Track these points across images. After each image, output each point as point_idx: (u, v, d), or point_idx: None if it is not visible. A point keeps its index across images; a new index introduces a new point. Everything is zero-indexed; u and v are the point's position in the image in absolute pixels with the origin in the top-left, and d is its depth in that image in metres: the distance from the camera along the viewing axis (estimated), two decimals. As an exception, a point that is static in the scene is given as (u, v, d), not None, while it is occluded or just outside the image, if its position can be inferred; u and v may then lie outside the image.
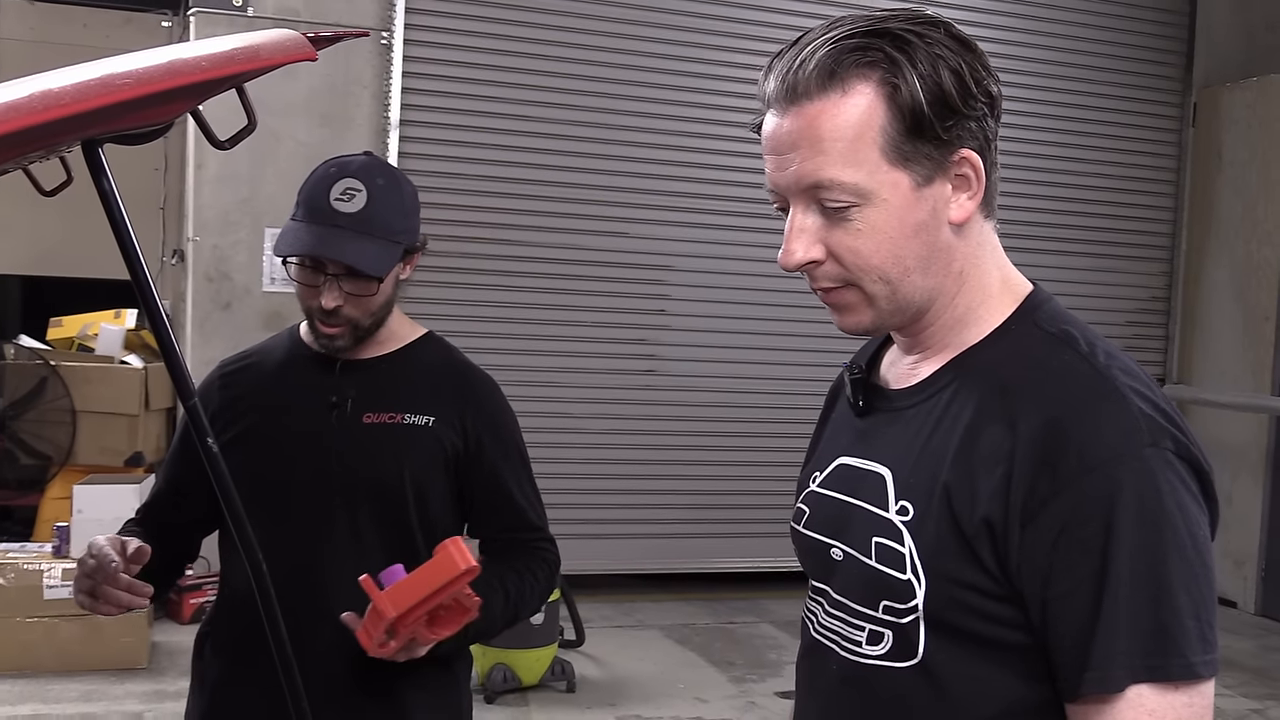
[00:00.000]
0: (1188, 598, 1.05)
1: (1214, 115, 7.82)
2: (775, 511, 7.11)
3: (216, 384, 2.15)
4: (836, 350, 7.29)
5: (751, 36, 6.96)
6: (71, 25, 6.69)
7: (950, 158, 1.15)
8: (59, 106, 1.03)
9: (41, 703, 4.89)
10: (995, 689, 1.12)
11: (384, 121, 6.36)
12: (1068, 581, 1.06)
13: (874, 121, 1.13)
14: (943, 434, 1.16)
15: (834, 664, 1.23)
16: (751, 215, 6.99)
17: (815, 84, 1.14)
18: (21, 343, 6.41)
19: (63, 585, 5.24)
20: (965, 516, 1.11)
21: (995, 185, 1.20)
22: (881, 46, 1.13)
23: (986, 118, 1.17)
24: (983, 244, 1.21)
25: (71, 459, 6.06)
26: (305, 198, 1.98)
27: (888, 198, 1.15)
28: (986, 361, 1.18)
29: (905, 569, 1.14)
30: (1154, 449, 1.07)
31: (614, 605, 6.66)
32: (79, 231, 6.73)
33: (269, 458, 2.03)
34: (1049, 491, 1.07)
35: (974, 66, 1.15)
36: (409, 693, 2.01)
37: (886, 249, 1.16)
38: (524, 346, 6.62)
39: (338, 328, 1.99)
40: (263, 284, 6.24)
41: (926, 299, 1.20)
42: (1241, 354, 7.57)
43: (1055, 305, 1.22)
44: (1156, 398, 1.11)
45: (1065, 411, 1.09)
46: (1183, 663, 1.04)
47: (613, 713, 5.10)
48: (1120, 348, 1.19)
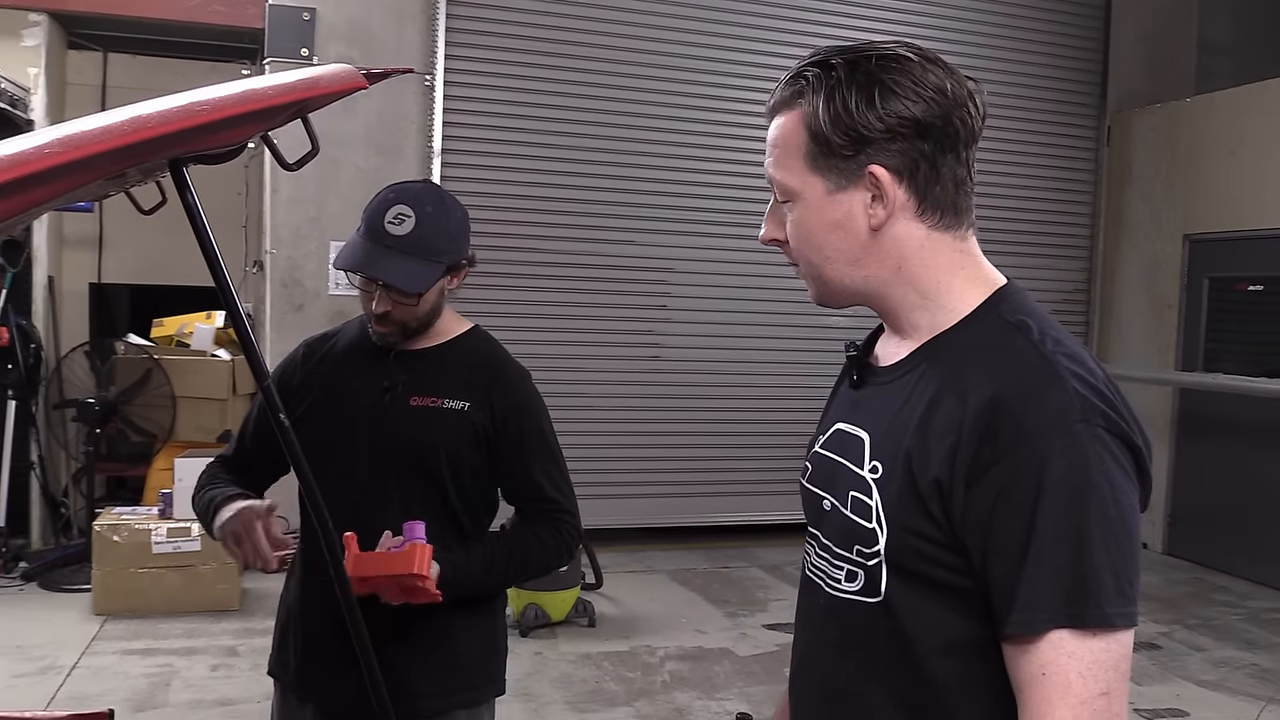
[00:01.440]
0: (1107, 556, 1.02)
1: (1125, 136, 7.79)
2: (762, 474, 7.14)
3: (301, 354, 2.15)
4: (813, 338, 7.34)
5: (738, 75, 6.94)
6: (167, 74, 6.68)
7: (859, 171, 1.14)
8: (146, 129, 1.03)
9: (152, 639, 4.91)
10: (943, 626, 1.11)
11: (428, 151, 6.35)
12: (1002, 537, 1.05)
13: (798, 136, 1.17)
14: (910, 406, 1.15)
15: (820, 598, 1.23)
16: (738, 225, 6.98)
17: (777, 103, 1.20)
18: (130, 340, 6.42)
19: (168, 541, 5.26)
20: (920, 476, 1.10)
21: (944, 199, 1.17)
22: (810, 76, 1.16)
23: (908, 139, 1.13)
24: (926, 248, 1.17)
25: (173, 437, 6.08)
26: (366, 217, 1.96)
27: (808, 198, 1.18)
28: (951, 346, 1.16)
29: (871, 519, 1.14)
30: (1084, 424, 1.04)
31: (628, 554, 6.66)
32: (175, 247, 6.70)
33: (334, 430, 2.02)
34: (990, 459, 1.05)
35: (888, 96, 1.12)
36: (454, 618, 2.00)
37: (809, 239, 1.20)
38: (549, 338, 6.62)
39: (388, 327, 1.99)
40: (329, 288, 6.24)
41: (863, 285, 1.20)
42: (1150, 337, 7.55)
43: (1021, 298, 1.19)
44: (1096, 381, 1.08)
45: (1008, 389, 1.07)
46: (1099, 612, 1.01)
47: (627, 643, 5.11)
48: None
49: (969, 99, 1.16)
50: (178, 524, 5.28)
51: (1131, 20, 7.82)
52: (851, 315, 7.63)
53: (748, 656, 4.99)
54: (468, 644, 2.04)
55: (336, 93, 1.21)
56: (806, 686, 1.28)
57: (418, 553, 1.82)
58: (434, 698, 2.01)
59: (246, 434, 2.17)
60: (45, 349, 6.32)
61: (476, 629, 2.06)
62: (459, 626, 2.01)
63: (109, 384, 6.07)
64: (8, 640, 4.79)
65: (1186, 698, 4.67)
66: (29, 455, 6.14)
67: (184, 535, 5.26)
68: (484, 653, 2.10)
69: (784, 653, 4.98)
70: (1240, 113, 6.88)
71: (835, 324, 7.21)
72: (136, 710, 4.12)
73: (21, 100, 5.97)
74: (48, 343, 6.39)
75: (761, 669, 4.82)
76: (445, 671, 2.01)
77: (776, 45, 6.99)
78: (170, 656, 4.70)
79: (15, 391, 5.98)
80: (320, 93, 1.18)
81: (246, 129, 1.17)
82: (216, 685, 4.40)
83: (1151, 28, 7.85)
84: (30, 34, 6.22)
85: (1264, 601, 6.22)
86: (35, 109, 6.14)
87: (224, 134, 1.15)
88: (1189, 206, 7.28)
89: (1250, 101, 6.81)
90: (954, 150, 1.16)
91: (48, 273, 6.42)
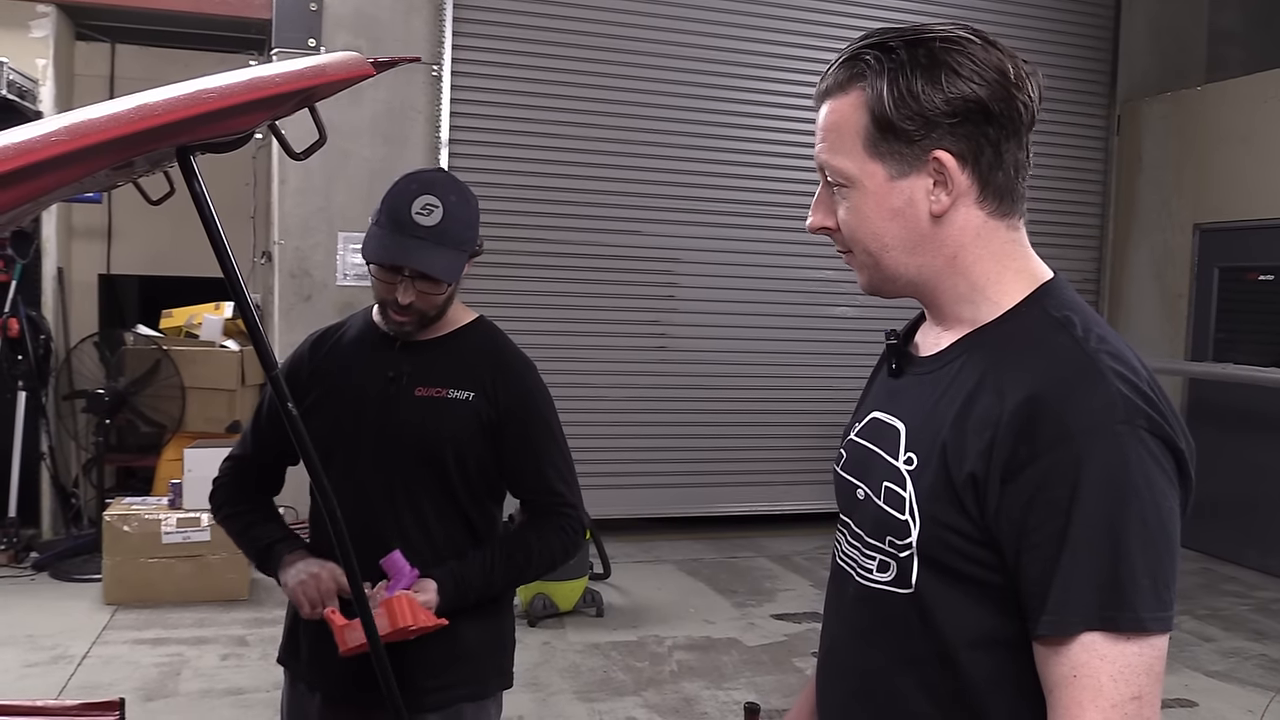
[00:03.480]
0: (1144, 559, 1.00)
1: (1134, 124, 7.75)
2: (769, 464, 7.14)
3: (308, 348, 2.14)
4: (820, 329, 7.32)
5: (746, 65, 6.92)
6: (174, 65, 6.68)
7: (923, 156, 1.12)
8: (153, 116, 1.03)
9: (163, 628, 4.93)
10: (975, 620, 1.09)
11: (435, 141, 6.34)
12: (1036, 535, 1.03)
13: (857, 120, 1.14)
14: (949, 399, 1.13)
15: (851, 587, 1.22)
16: (745, 215, 6.99)
17: (832, 86, 1.17)
18: (139, 331, 6.44)
19: (177, 531, 5.28)
20: (955, 471, 1.08)
21: (1005, 185, 1.14)
22: (870, 58, 1.13)
23: (974, 122, 1.10)
24: (981, 236, 1.15)
25: (182, 427, 6.09)
26: (389, 209, 1.93)
27: (867, 184, 1.15)
28: (993, 339, 1.14)
29: (904, 510, 1.13)
30: (1126, 425, 1.02)
31: (635, 544, 6.66)
32: (184, 238, 6.73)
33: (342, 420, 2.02)
34: (1027, 456, 1.03)
35: (953, 78, 1.09)
36: (459, 612, 1.98)
37: (867, 227, 1.17)
38: (555, 328, 6.61)
39: (408, 317, 1.98)
40: (337, 279, 6.24)
41: (917, 274, 1.17)
42: (1160, 326, 7.52)
43: (1066, 293, 1.16)
44: (1140, 381, 1.06)
45: (1048, 387, 1.05)
46: (1133, 616, 1.00)
47: (635, 633, 5.11)
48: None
49: (1028, 81, 1.13)
50: (187, 514, 5.29)
51: (1142, 8, 7.77)
52: (860, 305, 7.64)
53: (755, 646, 4.99)
54: (473, 638, 2.04)
55: (343, 80, 1.20)
56: (837, 675, 1.27)
57: (393, 608, 1.82)
58: (438, 691, 2.01)
59: (259, 428, 2.17)
60: (55, 340, 6.34)
61: (482, 623, 2.06)
62: (464, 620, 2.00)
63: (118, 375, 6.08)
64: (19, 630, 4.82)
65: (1195, 688, 4.66)
66: (39, 446, 6.16)
67: (194, 525, 5.27)
68: (490, 646, 2.10)
69: (792, 642, 4.98)
70: (1251, 101, 6.84)
71: (842, 314, 7.22)
72: (147, 699, 4.13)
73: (30, 91, 5.97)
74: (57, 334, 6.40)
75: (769, 659, 4.82)
76: (450, 665, 2.01)
77: (787, 35, 6.97)
78: (180, 646, 4.71)
79: (25, 382, 6.00)
80: (327, 80, 1.17)
81: (254, 116, 1.17)
82: (226, 674, 4.42)
83: (1162, 16, 7.80)
84: (38, 25, 6.23)
85: (1273, 592, 6.20)
86: (44, 100, 6.15)
87: (231, 121, 1.14)
88: (1199, 196, 7.24)
89: (1262, 90, 6.77)
90: (1016, 134, 1.13)
91: (57, 264, 6.43)
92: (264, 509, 2.16)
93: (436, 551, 1.99)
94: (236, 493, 2.16)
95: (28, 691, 4.10)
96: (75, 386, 6.22)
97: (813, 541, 6.86)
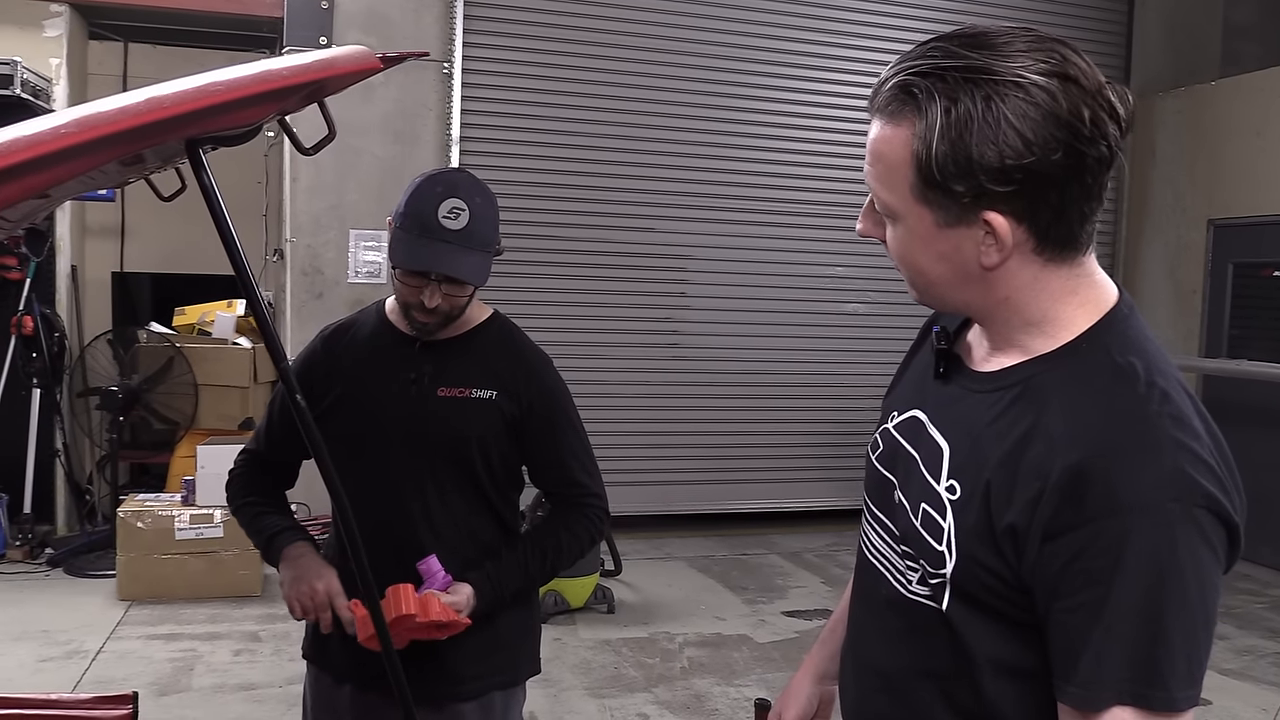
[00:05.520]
0: (1182, 640, 0.98)
1: (1148, 119, 7.70)
2: (781, 461, 7.13)
3: (320, 345, 2.14)
4: (833, 325, 7.28)
5: (763, 64, 6.91)
6: (189, 64, 6.62)
7: (973, 213, 1.03)
8: (162, 109, 1.03)
9: (176, 624, 4.95)
10: (1003, 649, 1.08)
11: (446, 139, 6.34)
12: (1071, 601, 1.00)
13: (904, 160, 1.05)
14: (998, 433, 1.08)
15: (884, 590, 1.20)
16: (757, 214, 6.98)
17: (881, 107, 1.07)
18: (152, 329, 6.46)
19: (190, 528, 5.30)
20: (998, 516, 1.05)
21: (1067, 235, 1.05)
22: (920, 91, 1.01)
23: (1029, 188, 1.00)
24: (1039, 280, 1.07)
25: (195, 424, 6.11)
26: (414, 212, 1.91)
27: (914, 225, 1.08)
28: (1052, 379, 1.07)
29: (941, 541, 1.10)
30: (1179, 505, 0.97)
31: (646, 540, 6.66)
32: (196, 236, 6.76)
33: (365, 422, 2.03)
34: (1072, 520, 0.99)
35: (1012, 134, 0.97)
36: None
37: (911, 261, 1.11)
38: (568, 325, 6.61)
39: (433, 319, 1.98)
40: (348, 277, 6.26)
41: (966, 306, 1.12)
42: (1173, 323, 7.46)
43: (1131, 327, 1.08)
44: (1201, 449, 1.00)
45: (1104, 453, 0.99)
46: (1166, 695, 0.98)
47: (646, 630, 5.11)
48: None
49: (1109, 122, 1.01)
50: (200, 510, 5.31)
51: (1155, 3, 7.72)
52: (872, 303, 7.59)
53: (766, 643, 4.98)
54: (507, 627, 2.07)
55: (351, 74, 1.20)
56: (867, 669, 1.26)
57: (397, 595, 1.84)
58: (476, 680, 2.04)
59: (273, 424, 2.17)
60: (69, 337, 6.37)
61: (515, 612, 2.08)
62: (499, 611, 2.03)
63: (132, 372, 6.11)
64: (34, 625, 4.85)
65: (1209, 686, 4.58)
66: (54, 443, 6.19)
67: (207, 522, 5.30)
68: (522, 634, 2.14)
69: (804, 640, 4.97)
70: (1266, 96, 6.79)
71: (854, 311, 7.20)
72: (160, 694, 4.15)
73: (44, 90, 6.00)
74: (71, 331, 6.43)
75: (780, 656, 4.82)
76: (487, 654, 2.04)
77: (806, 34, 6.96)
78: (194, 641, 4.73)
79: (40, 380, 6.03)
80: (336, 73, 1.17)
81: (262, 109, 1.17)
82: (239, 670, 4.43)
83: (1176, 11, 7.75)
84: (52, 24, 6.26)
85: (1288, 589, 6.17)
86: (57, 99, 6.17)
87: (239, 114, 1.14)
88: (1213, 191, 7.19)
89: (1276, 85, 6.72)
90: (1083, 185, 1.02)
91: (71, 262, 6.46)
92: (276, 502, 2.18)
93: (466, 543, 2.02)
94: (250, 485, 2.17)
95: (42, 686, 4.12)
96: (89, 384, 6.25)
97: (824, 538, 6.85)
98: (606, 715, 4.13)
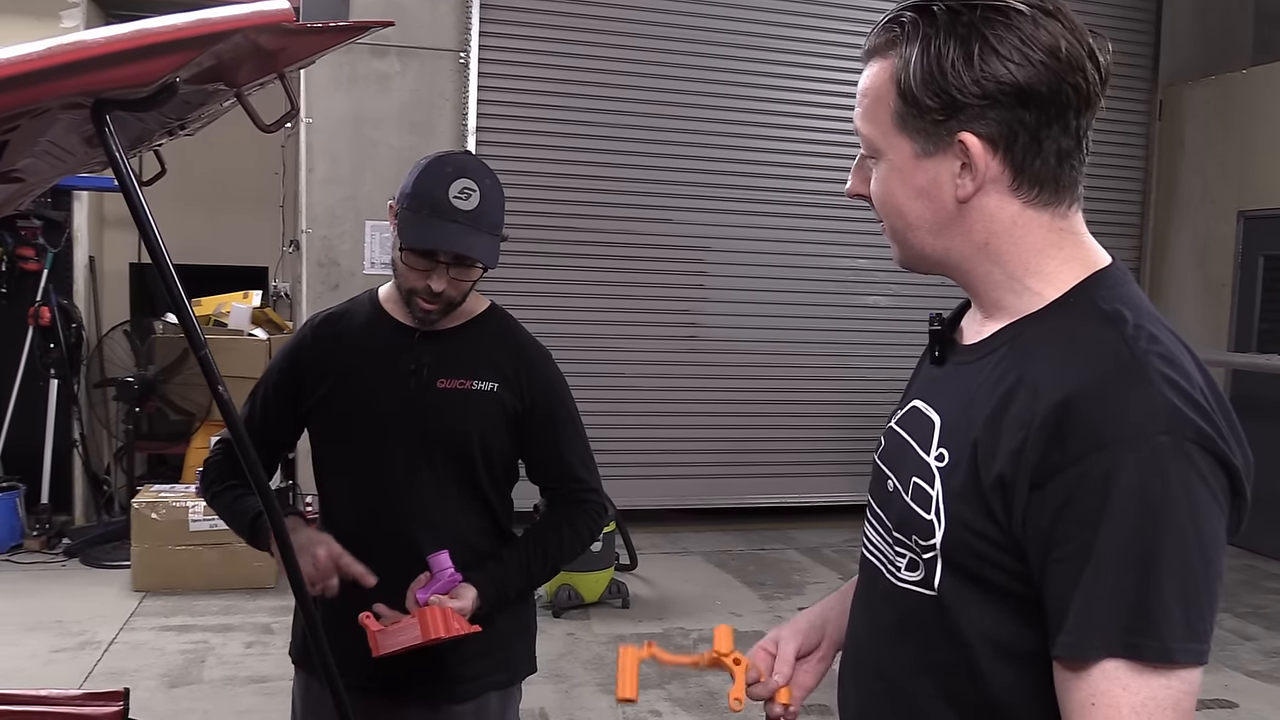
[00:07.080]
0: (1177, 584, 0.92)
1: (1177, 109, 7.57)
2: (799, 455, 7.07)
3: (310, 334, 2.09)
4: (852, 318, 7.20)
5: (776, 51, 6.84)
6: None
7: (949, 137, 1.04)
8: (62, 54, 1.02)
9: (189, 615, 4.95)
10: (1000, 631, 1.03)
11: (462, 129, 6.30)
12: (1062, 549, 0.95)
13: (886, 90, 1.08)
14: (985, 393, 1.06)
15: (880, 583, 1.17)
16: (776, 204, 6.91)
17: (872, 48, 1.11)
18: (169, 320, 6.47)
19: (205, 519, 5.29)
20: (985, 471, 1.01)
21: (1045, 173, 1.05)
22: (906, 22, 1.05)
23: (1008, 107, 1.02)
24: (1017, 225, 1.07)
25: (211, 415, 6.12)
26: (424, 192, 1.87)
27: (893, 159, 1.09)
28: (1036, 332, 1.05)
29: (930, 509, 1.07)
30: (1169, 436, 0.93)
31: (662, 535, 6.62)
32: (213, 228, 6.79)
33: (360, 415, 1.99)
34: (1058, 463, 0.95)
35: (989, 55, 1.01)
36: None
37: (892, 202, 1.12)
38: (585, 318, 6.57)
39: (437, 305, 1.93)
40: (364, 268, 6.23)
41: (945, 257, 1.11)
42: (1202, 316, 7.35)
43: (1122, 284, 1.07)
44: (1192, 388, 0.96)
45: (1087, 389, 0.96)
46: (1159, 646, 0.92)
47: (661, 625, 5.07)
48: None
49: (1087, 60, 1.03)
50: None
51: (1185, -10, 7.58)
52: (893, 295, 7.53)
53: (783, 640, 4.93)
54: (505, 627, 2.03)
55: (253, 24, 1.14)
56: (867, 671, 1.22)
57: (426, 620, 1.80)
58: (473, 681, 2.01)
59: (252, 414, 2.10)
60: (86, 328, 6.40)
61: (512, 611, 2.06)
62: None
63: (148, 363, 6.12)
64: (49, 615, 4.86)
65: (1235, 688, 4.53)
66: (71, 433, 6.22)
67: (221, 513, 5.29)
68: (519, 633, 2.11)
69: (819, 636, 4.91)
70: (1299, 84, 6.65)
71: (875, 304, 7.12)
72: (171, 686, 4.15)
73: (61, 81, 6.01)
74: (88, 322, 6.46)
75: (796, 653, 4.76)
76: (484, 654, 2.01)
77: (821, 21, 6.88)
78: (206, 633, 4.73)
79: (57, 370, 6.06)
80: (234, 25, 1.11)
81: (166, 60, 1.11)
82: (250, 662, 4.42)
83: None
84: (69, 15, 6.27)
85: (1318, 589, 6.05)
86: (74, 90, 6.18)
87: (144, 63, 1.09)
88: (1244, 181, 7.06)
89: (1310, 72, 6.58)
90: (1061, 119, 1.04)
91: (88, 253, 6.49)
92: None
93: (460, 537, 1.97)
94: (227, 471, 2.11)
95: (53, 678, 4.13)
96: (106, 374, 6.27)
97: (842, 534, 6.78)
98: (619, 712, 4.09)
